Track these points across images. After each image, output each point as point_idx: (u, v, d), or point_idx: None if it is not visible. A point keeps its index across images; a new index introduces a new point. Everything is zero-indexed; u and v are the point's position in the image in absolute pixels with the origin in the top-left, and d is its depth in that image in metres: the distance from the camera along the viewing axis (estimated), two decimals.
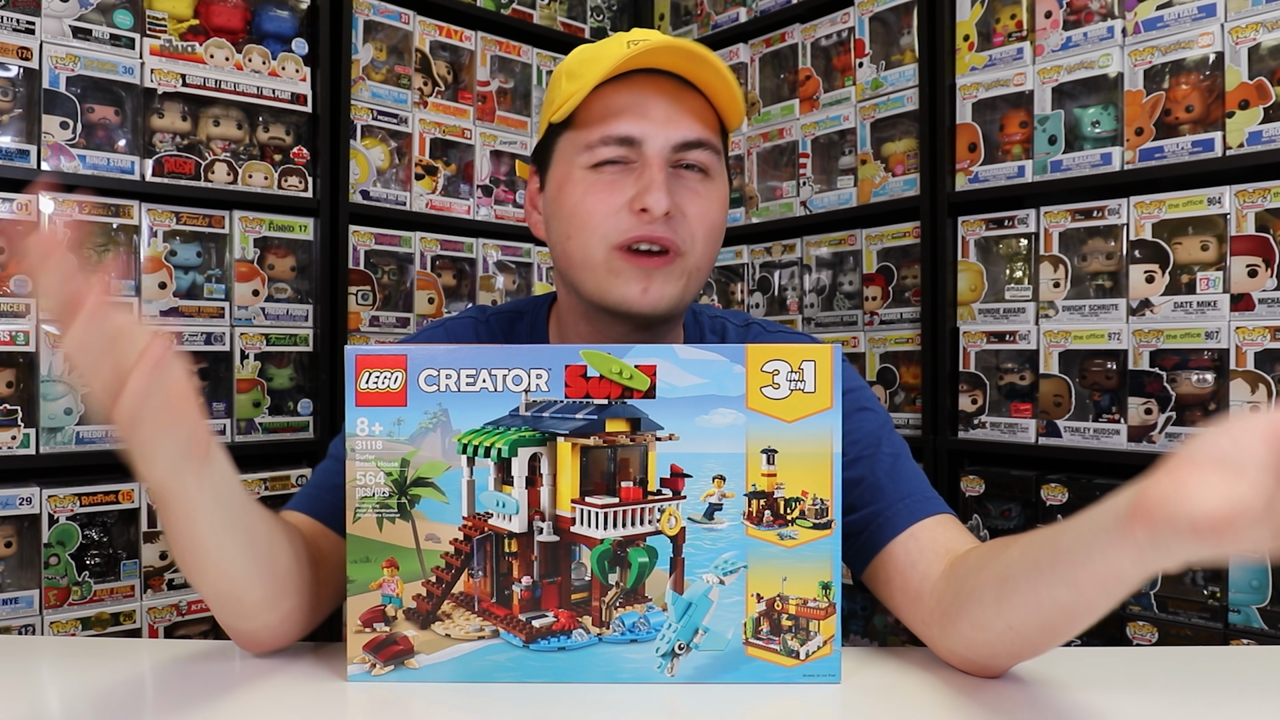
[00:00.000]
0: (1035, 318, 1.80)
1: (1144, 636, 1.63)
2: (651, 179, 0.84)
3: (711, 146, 0.88)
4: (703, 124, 0.87)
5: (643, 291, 0.85)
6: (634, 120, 0.85)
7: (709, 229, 0.88)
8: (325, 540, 0.86)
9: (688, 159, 0.87)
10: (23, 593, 1.61)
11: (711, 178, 0.89)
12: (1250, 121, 1.54)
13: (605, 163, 0.86)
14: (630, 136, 0.85)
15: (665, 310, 0.87)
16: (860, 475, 0.86)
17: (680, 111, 0.86)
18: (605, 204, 0.85)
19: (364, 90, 2.05)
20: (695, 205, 0.86)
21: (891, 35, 2.08)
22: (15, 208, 1.63)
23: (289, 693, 0.73)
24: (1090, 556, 0.61)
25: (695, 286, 0.89)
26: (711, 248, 0.89)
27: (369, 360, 0.72)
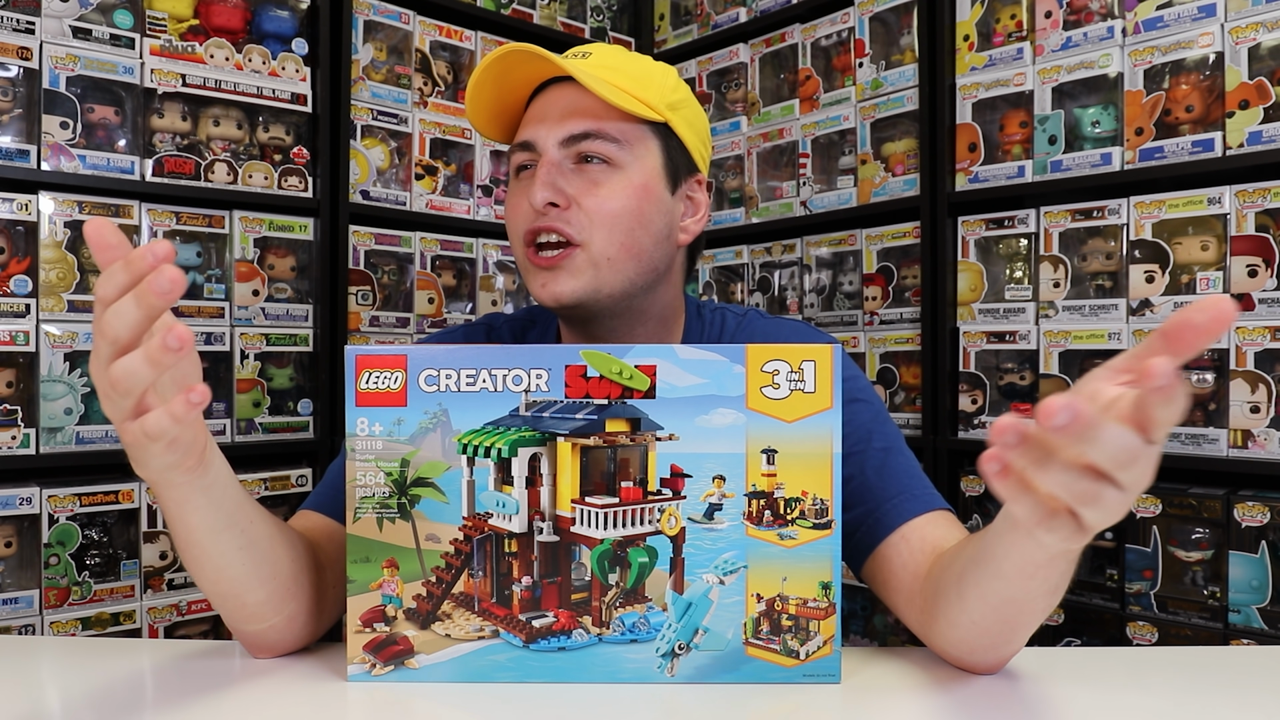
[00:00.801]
0: (1035, 318, 1.80)
1: (1144, 636, 1.63)
2: (535, 175, 0.89)
3: (606, 136, 0.89)
4: (595, 116, 0.89)
5: (541, 286, 0.89)
6: (532, 125, 0.92)
7: (606, 218, 0.89)
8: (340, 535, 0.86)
9: (583, 150, 0.90)
10: (23, 593, 1.61)
11: (617, 167, 0.90)
12: (1250, 121, 1.54)
13: (520, 169, 0.93)
14: (526, 140, 0.91)
15: (570, 303, 0.89)
16: (850, 473, 0.86)
17: (571, 109, 0.90)
18: (516, 207, 0.92)
19: (364, 90, 2.05)
20: (591, 196, 0.89)
21: (891, 35, 2.08)
22: (15, 208, 1.63)
23: (289, 693, 0.73)
24: (1005, 549, 0.65)
25: (614, 278, 0.90)
26: (618, 235, 0.89)
27: (369, 360, 0.73)
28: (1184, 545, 1.60)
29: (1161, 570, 1.62)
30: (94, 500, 1.68)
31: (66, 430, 1.66)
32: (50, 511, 1.63)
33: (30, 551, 1.64)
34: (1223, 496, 1.55)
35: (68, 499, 1.64)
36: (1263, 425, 1.52)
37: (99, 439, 1.70)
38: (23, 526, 1.64)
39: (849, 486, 0.86)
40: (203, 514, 0.69)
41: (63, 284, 1.67)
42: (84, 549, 1.68)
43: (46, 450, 1.64)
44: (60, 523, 1.64)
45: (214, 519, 0.70)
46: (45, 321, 1.64)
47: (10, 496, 1.59)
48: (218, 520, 0.70)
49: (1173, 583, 1.62)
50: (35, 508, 1.61)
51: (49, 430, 1.64)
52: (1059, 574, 0.66)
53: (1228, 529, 1.54)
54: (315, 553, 0.82)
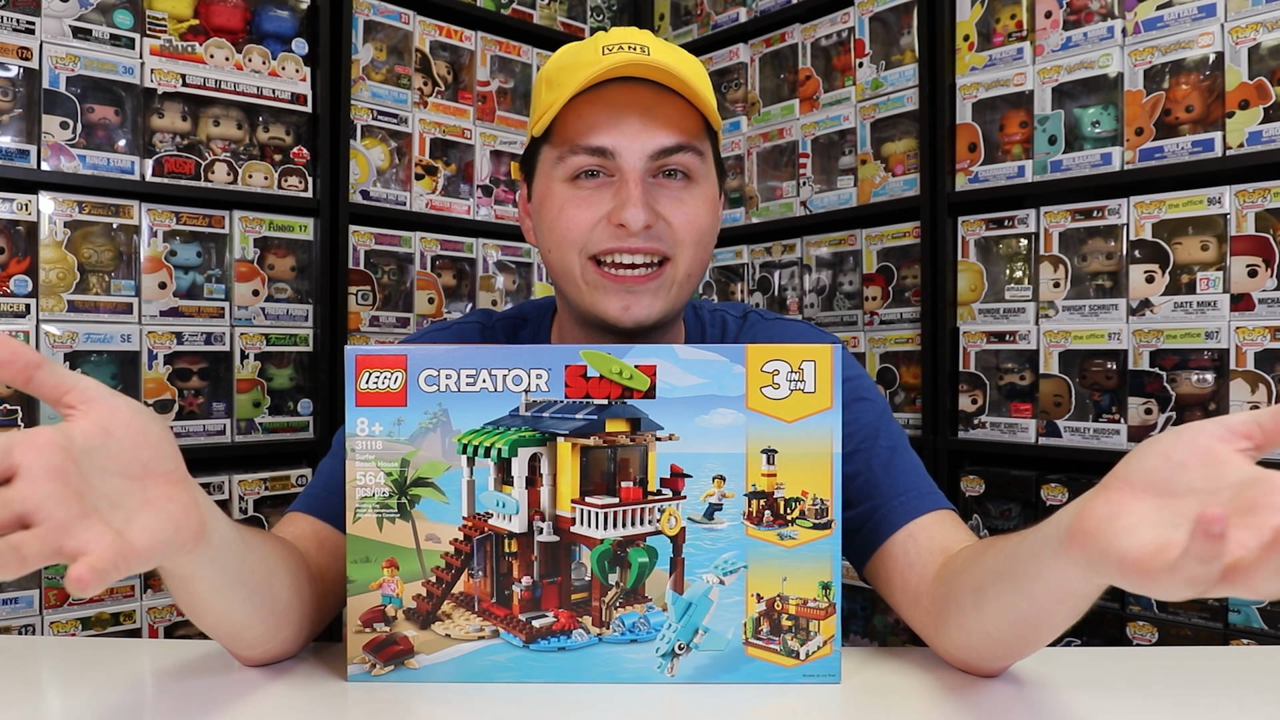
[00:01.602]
0: (1035, 318, 1.80)
1: (1144, 636, 1.63)
2: (628, 194, 0.83)
3: (692, 149, 0.85)
4: (680, 129, 0.85)
5: (624, 309, 0.84)
6: (608, 132, 0.84)
7: (696, 235, 0.86)
8: (331, 539, 0.85)
9: (668, 165, 0.85)
10: (23, 593, 1.61)
11: (696, 181, 0.87)
12: (1250, 121, 1.54)
13: (583, 174, 0.85)
14: (604, 148, 0.84)
15: (650, 325, 0.86)
16: (857, 470, 0.85)
17: (655, 119, 0.84)
18: (583, 219, 0.84)
19: (364, 90, 2.05)
20: (679, 213, 0.85)
21: (891, 35, 2.08)
22: (15, 208, 1.63)
23: (289, 693, 0.73)
24: (1040, 572, 0.60)
25: (685, 294, 0.88)
26: (701, 252, 0.87)
27: (369, 360, 0.72)
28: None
29: None
30: None
31: None
32: None
33: None
34: None
35: None
36: None
37: None
38: None
39: (854, 483, 0.85)
40: (208, 582, 0.65)
41: (63, 284, 1.67)
42: None
43: None
44: None
45: (218, 583, 0.66)
46: (45, 321, 1.64)
47: None
48: (222, 583, 0.66)
49: None
50: None
51: None
52: (1089, 601, 0.62)
53: None
54: (307, 567, 0.80)
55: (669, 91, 0.85)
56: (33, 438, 0.50)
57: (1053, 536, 0.58)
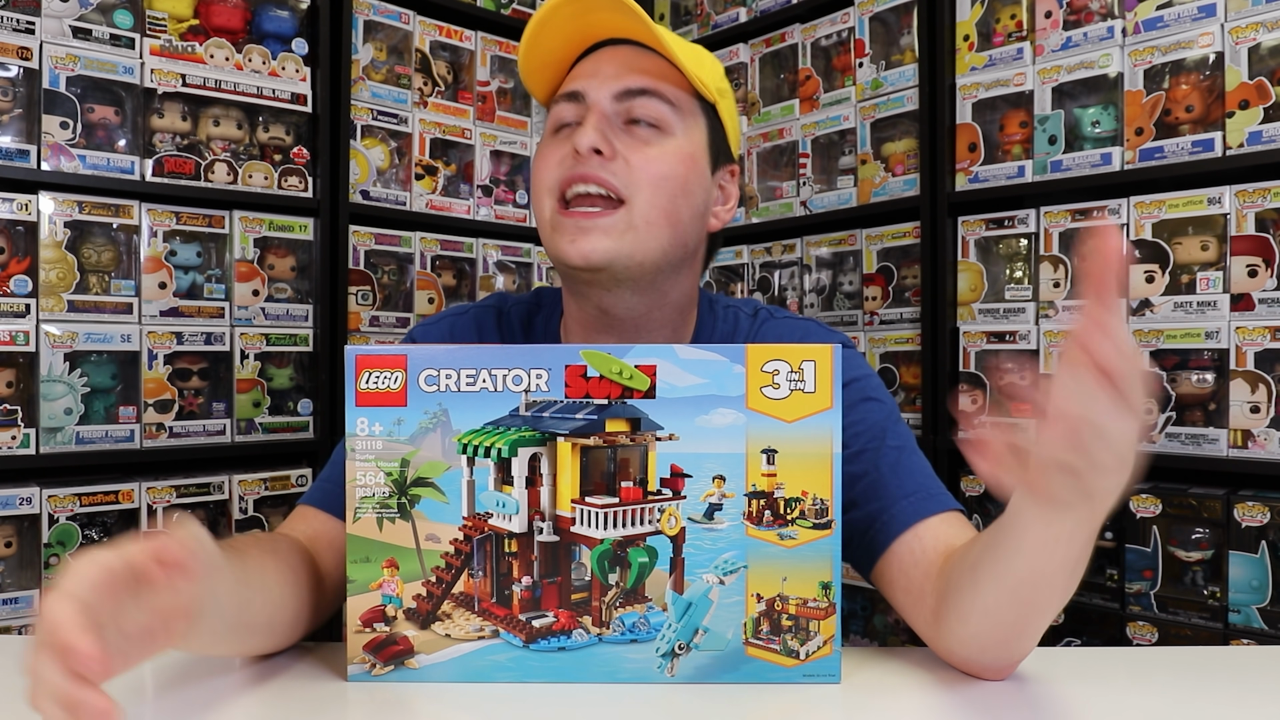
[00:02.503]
0: (1035, 318, 1.80)
1: (1144, 636, 1.63)
2: (585, 122, 0.85)
3: (663, 97, 0.86)
4: (653, 76, 0.87)
5: (572, 242, 0.83)
6: (584, 78, 0.88)
7: (654, 177, 0.85)
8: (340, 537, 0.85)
9: (635, 110, 0.86)
10: (23, 593, 1.61)
11: (667, 133, 0.87)
12: (1250, 121, 1.54)
13: (563, 126, 0.89)
14: (575, 90, 0.88)
15: (604, 263, 0.83)
16: (864, 470, 0.84)
17: (629, 66, 0.87)
18: (548, 157, 0.87)
19: (364, 90, 2.05)
20: (638, 154, 0.85)
21: (891, 35, 2.08)
22: (15, 208, 1.63)
23: (289, 693, 0.73)
24: (1026, 523, 0.64)
25: (650, 244, 0.85)
26: (661, 199, 0.85)
27: (369, 360, 0.72)
28: (1184, 545, 1.60)
29: (1161, 570, 1.62)
30: (94, 500, 1.68)
31: (66, 430, 1.66)
32: (50, 511, 1.63)
33: (30, 551, 1.64)
34: (1223, 496, 1.55)
35: (68, 499, 1.64)
36: (1263, 425, 1.52)
37: (99, 439, 1.70)
38: (23, 526, 1.64)
39: (861, 483, 0.84)
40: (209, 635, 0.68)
41: (63, 284, 1.67)
42: (84, 549, 1.68)
43: (46, 450, 1.64)
44: (60, 523, 1.64)
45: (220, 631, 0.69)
46: (45, 321, 1.64)
47: (10, 496, 1.59)
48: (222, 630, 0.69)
49: (1173, 583, 1.62)
50: (35, 508, 1.61)
51: (49, 430, 1.64)
52: (1079, 548, 0.64)
53: (1228, 529, 1.54)
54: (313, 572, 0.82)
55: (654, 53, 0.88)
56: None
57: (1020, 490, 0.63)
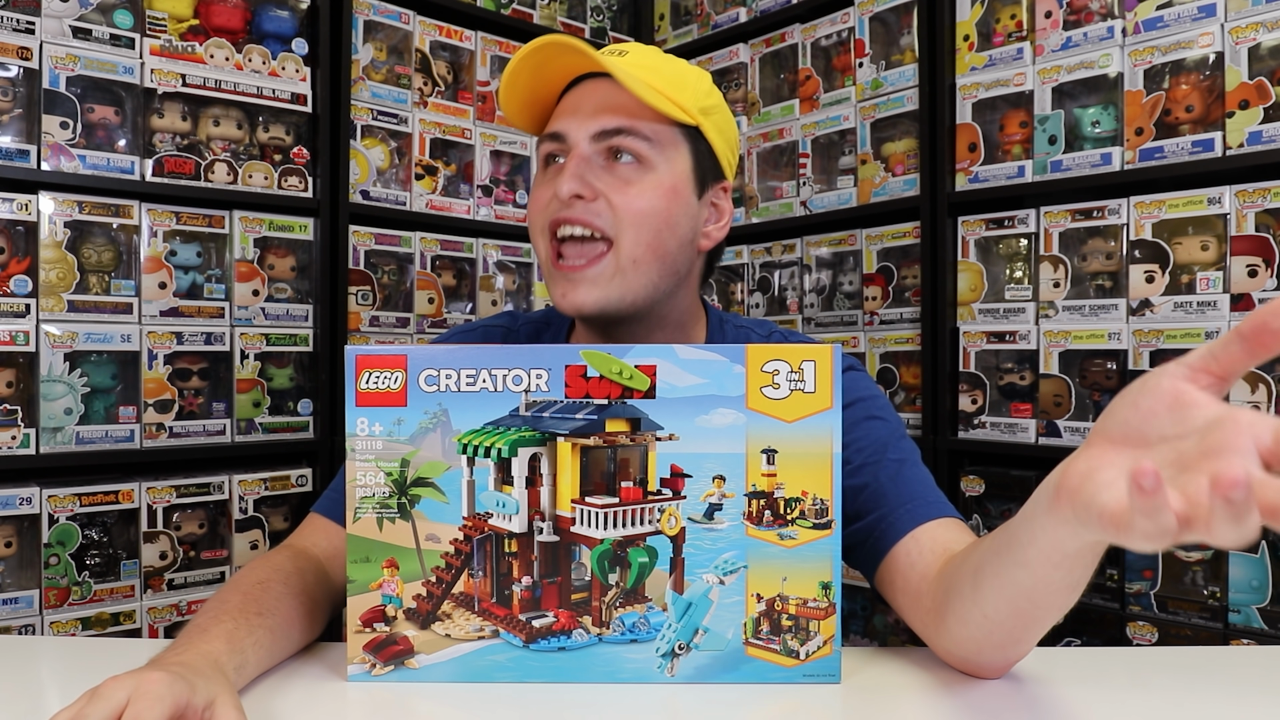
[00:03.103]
0: (1035, 318, 1.80)
1: (1144, 636, 1.63)
2: (565, 166, 0.88)
3: (639, 134, 0.88)
4: (628, 113, 0.88)
5: (562, 296, 0.89)
6: (563, 117, 0.91)
7: (636, 216, 0.88)
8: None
9: (615, 146, 0.89)
10: (23, 593, 1.61)
11: (648, 167, 0.89)
12: (1250, 121, 1.54)
13: (549, 160, 0.92)
14: (557, 131, 0.91)
15: (592, 313, 0.89)
16: (865, 482, 0.86)
17: (604, 104, 0.89)
18: (539, 199, 0.91)
19: (364, 90, 2.05)
20: (620, 194, 0.88)
21: (891, 35, 2.08)
22: (15, 208, 1.63)
23: (289, 693, 0.73)
24: (1034, 534, 0.61)
25: (639, 284, 0.89)
26: (646, 235, 0.88)
27: (369, 360, 0.73)
28: (1184, 545, 1.60)
29: (1161, 570, 1.62)
30: (94, 500, 1.68)
31: (66, 430, 1.66)
32: (50, 511, 1.63)
33: (30, 551, 1.64)
34: None
35: (68, 499, 1.64)
36: None
37: (99, 439, 1.70)
38: (23, 526, 1.64)
39: (863, 495, 0.86)
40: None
41: (63, 284, 1.67)
42: (84, 549, 1.68)
43: (46, 450, 1.64)
44: (60, 523, 1.64)
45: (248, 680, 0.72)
46: (45, 321, 1.64)
47: (10, 496, 1.59)
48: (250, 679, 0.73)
49: (1173, 583, 1.62)
50: (35, 508, 1.61)
51: (49, 430, 1.64)
52: (1084, 567, 0.63)
53: None
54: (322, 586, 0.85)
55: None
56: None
57: (1043, 498, 0.59)
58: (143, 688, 0.58)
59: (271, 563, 0.83)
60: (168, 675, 0.59)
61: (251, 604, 0.75)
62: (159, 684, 0.58)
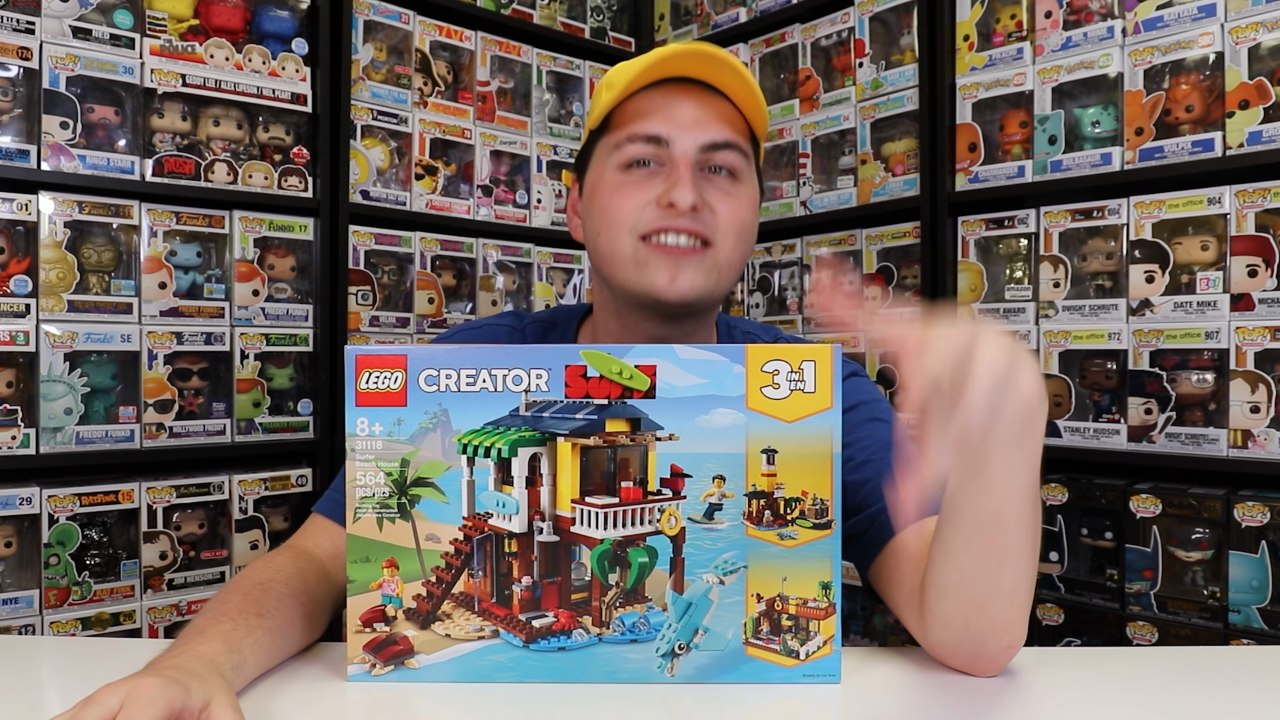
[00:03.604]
0: (1035, 318, 1.80)
1: (1144, 636, 1.63)
2: (679, 176, 0.88)
3: (739, 149, 0.91)
4: (730, 127, 0.91)
5: (670, 280, 0.89)
6: (662, 121, 0.90)
7: (739, 227, 0.91)
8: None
9: (715, 160, 0.91)
10: (23, 593, 1.61)
11: (740, 181, 0.93)
12: (1250, 121, 1.54)
13: (635, 164, 0.91)
14: (658, 135, 0.89)
15: (694, 299, 0.90)
16: (867, 477, 0.87)
17: (708, 115, 0.90)
18: (633, 200, 0.90)
19: (364, 90, 2.05)
20: (725, 204, 0.91)
21: (891, 35, 2.08)
22: (15, 208, 1.63)
23: (289, 693, 0.73)
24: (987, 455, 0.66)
25: (726, 282, 0.92)
26: (741, 245, 0.92)
27: (369, 360, 0.72)
28: (1184, 545, 1.60)
29: (1161, 570, 1.62)
30: (94, 500, 1.68)
31: (66, 430, 1.66)
32: (50, 511, 1.63)
33: (30, 551, 1.64)
34: (1223, 496, 1.55)
35: (68, 499, 1.64)
36: (1263, 425, 1.52)
37: (99, 439, 1.70)
38: (23, 526, 1.64)
39: (863, 490, 0.87)
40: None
41: (63, 284, 1.67)
42: (84, 549, 1.68)
43: (46, 450, 1.64)
44: (60, 523, 1.64)
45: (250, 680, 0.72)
46: (45, 321, 1.64)
47: (10, 496, 1.59)
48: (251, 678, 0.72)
49: (1173, 583, 1.62)
50: (35, 508, 1.61)
51: (49, 430, 1.64)
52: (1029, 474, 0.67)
53: (1228, 529, 1.54)
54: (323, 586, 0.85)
55: (720, 95, 0.92)
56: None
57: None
58: (135, 692, 0.58)
59: (272, 564, 0.83)
60: (161, 679, 0.59)
61: (251, 605, 0.75)
62: (152, 688, 0.58)
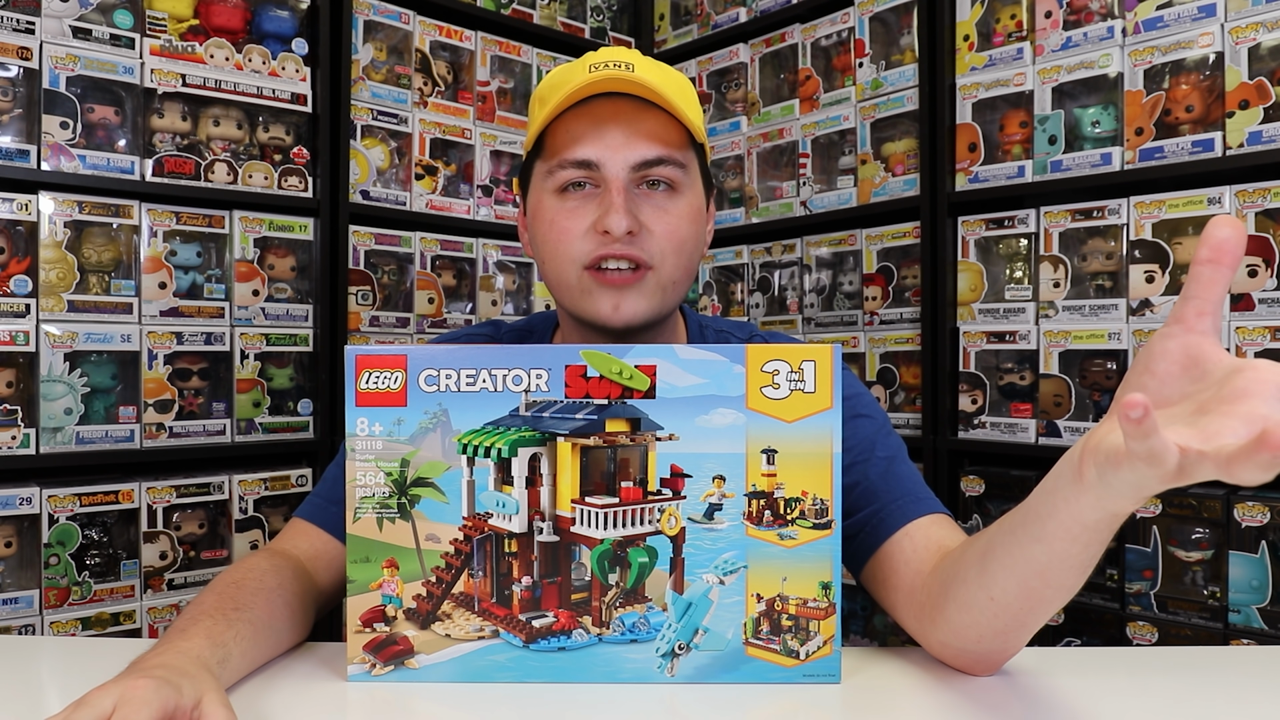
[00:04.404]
0: (1035, 318, 1.80)
1: (1144, 636, 1.63)
2: (611, 201, 0.87)
3: (673, 162, 0.90)
4: (662, 141, 0.89)
5: (614, 309, 0.89)
6: (592, 145, 0.88)
7: (677, 244, 0.90)
8: (329, 552, 0.91)
9: (651, 176, 0.89)
10: (23, 593, 1.61)
11: (679, 192, 0.91)
12: (1250, 121, 1.54)
13: (570, 186, 0.90)
14: (588, 160, 0.88)
15: (640, 323, 0.90)
16: (854, 480, 0.87)
17: (638, 132, 0.88)
18: (572, 229, 0.89)
19: (364, 90, 2.05)
20: (661, 222, 0.89)
21: (891, 35, 2.08)
22: (15, 208, 1.63)
23: (289, 693, 0.73)
24: (1054, 507, 0.62)
25: (672, 298, 0.92)
26: (683, 260, 0.91)
27: (369, 360, 0.73)
28: (1184, 545, 1.60)
29: (1161, 570, 1.62)
30: (94, 500, 1.68)
31: (66, 430, 1.66)
32: (50, 511, 1.63)
33: (30, 551, 1.64)
34: (1223, 496, 1.55)
35: (68, 499, 1.64)
36: None
37: (99, 439, 1.70)
38: (23, 526, 1.64)
39: (853, 494, 0.86)
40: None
41: (63, 284, 1.67)
42: (84, 549, 1.68)
43: (46, 450, 1.64)
44: (60, 523, 1.64)
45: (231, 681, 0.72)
46: (45, 321, 1.64)
47: (10, 496, 1.59)
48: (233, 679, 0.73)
49: (1173, 583, 1.62)
50: (35, 508, 1.61)
51: (49, 430, 1.64)
52: (1099, 542, 0.63)
53: (1228, 529, 1.54)
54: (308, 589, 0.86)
55: (652, 106, 0.89)
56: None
57: (1065, 469, 0.60)
58: (128, 694, 0.58)
59: (246, 564, 0.84)
60: (153, 680, 0.59)
61: (228, 601, 0.75)
62: (144, 689, 0.58)
